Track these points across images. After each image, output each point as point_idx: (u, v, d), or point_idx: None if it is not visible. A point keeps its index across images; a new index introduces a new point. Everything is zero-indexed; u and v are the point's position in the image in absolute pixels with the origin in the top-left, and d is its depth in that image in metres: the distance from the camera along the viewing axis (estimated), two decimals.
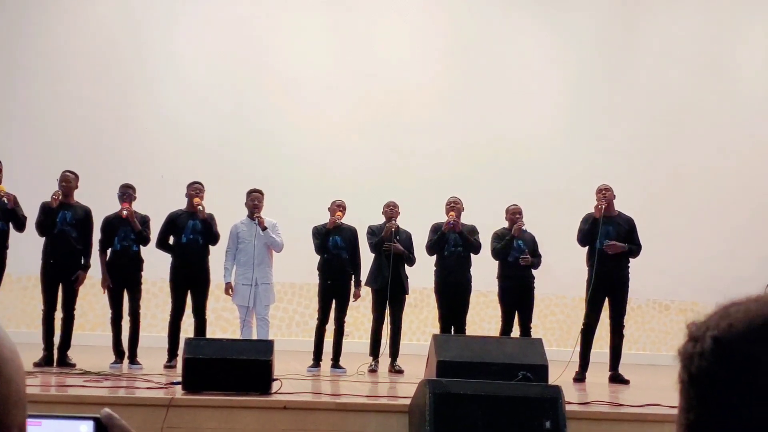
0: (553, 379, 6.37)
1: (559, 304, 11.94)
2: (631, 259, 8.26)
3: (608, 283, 8.11)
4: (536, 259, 8.63)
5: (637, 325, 12.20)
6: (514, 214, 8.66)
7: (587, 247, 8.26)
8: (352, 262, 8.65)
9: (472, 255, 8.72)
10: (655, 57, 12.94)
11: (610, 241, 8.07)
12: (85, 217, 7.99)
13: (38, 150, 11.20)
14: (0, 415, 0.79)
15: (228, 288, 8.57)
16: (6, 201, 7.53)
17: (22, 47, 11.73)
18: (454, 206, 8.72)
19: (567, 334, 11.66)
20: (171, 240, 8.32)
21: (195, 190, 8.34)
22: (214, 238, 8.30)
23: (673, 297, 12.41)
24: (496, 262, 8.67)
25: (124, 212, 7.98)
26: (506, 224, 8.72)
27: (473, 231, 8.75)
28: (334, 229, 8.54)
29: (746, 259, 12.27)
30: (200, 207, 8.15)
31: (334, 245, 8.53)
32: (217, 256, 8.56)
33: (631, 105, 12.79)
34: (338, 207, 8.66)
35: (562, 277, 8.97)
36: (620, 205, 8.43)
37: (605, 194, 8.21)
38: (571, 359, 7.99)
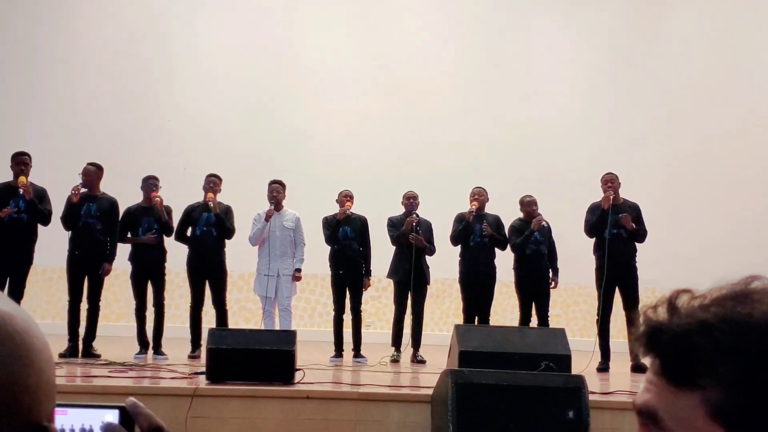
0: (576, 369, 6.36)
1: (582, 294, 11.89)
2: (637, 248, 8.23)
3: (616, 273, 8.08)
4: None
5: None
6: (530, 206, 8.62)
7: (594, 238, 8.25)
8: (363, 252, 8.67)
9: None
10: (673, 44, 12.82)
11: (622, 215, 8.02)
12: (110, 208, 8.04)
13: (61, 143, 11.27)
14: (31, 405, 0.80)
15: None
16: (23, 192, 7.60)
17: (43, 41, 11.81)
18: (478, 197, 8.70)
19: (590, 324, 11.60)
20: (188, 232, 8.39)
21: (210, 183, 8.38)
22: (227, 232, 8.34)
23: (697, 286, 12.27)
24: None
25: (157, 200, 8.06)
26: (521, 215, 8.69)
27: (498, 223, 8.72)
28: (345, 219, 8.55)
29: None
30: (211, 204, 8.18)
31: (344, 236, 8.54)
32: (236, 247, 8.60)
33: (650, 93, 12.69)
34: (346, 197, 8.66)
35: (586, 267, 8.90)
36: (640, 194, 8.38)
37: (612, 185, 8.18)
38: (595, 349, 7.97)
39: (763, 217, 12.44)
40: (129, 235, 8.26)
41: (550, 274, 8.61)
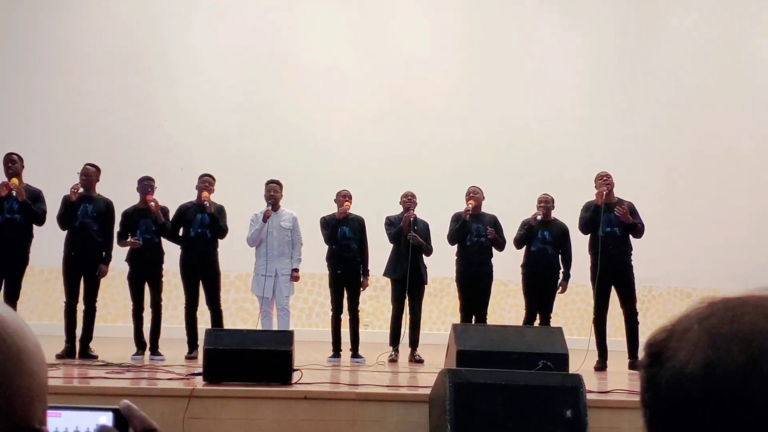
0: (573, 368, 6.36)
1: (579, 293, 11.88)
2: (633, 246, 8.23)
3: (611, 270, 8.08)
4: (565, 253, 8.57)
5: (658, 313, 12.12)
6: (538, 203, 8.62)
7: (589, 235, 8.25)
8: (360, 252, 8.66)
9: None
10: (673, 43, 12.83)
11: (620, 208, 7.98)
12: (106, 210, 8.03)
13: (57, 144, 11.27)
14: (23, 408, 0.80)
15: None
16: (16, 194, 7.57)
17: (40, 41, 11.80)
18: (474, 195, 8.69)
19: (588, 323, 11.58)
20: (180, 232, 8.36)
21: (204, 182, 8.34)
22: (221, 232, 8.31)
23: (694, 284, 12.32)
24: (518, 252, 8.65)
25: (152, 204, 8.04)
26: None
27: (495, 223, 8.71)
28: (343, 219, 8.54)
29: (767, 245, 12.16)
30: (206, 203, 8.15)
31: (342, 236, 8.54)
32: (233, 247, 8.57)
33: (650, 92, 12.70)
34: (344, 197, 8.65)
35: (583, 266, 8.91)
36: (640, 193, 8.39)
37: (606, 180, 8.17)
38: (592, 348, 7.97)
39: (764, 217, 12.45)
40: (128, 238, 8.23)
41: (560, 278, 8.57)
